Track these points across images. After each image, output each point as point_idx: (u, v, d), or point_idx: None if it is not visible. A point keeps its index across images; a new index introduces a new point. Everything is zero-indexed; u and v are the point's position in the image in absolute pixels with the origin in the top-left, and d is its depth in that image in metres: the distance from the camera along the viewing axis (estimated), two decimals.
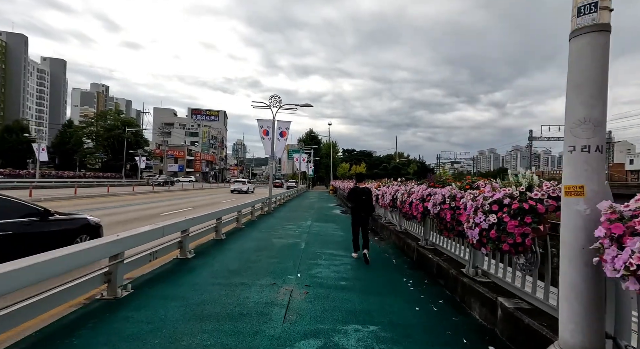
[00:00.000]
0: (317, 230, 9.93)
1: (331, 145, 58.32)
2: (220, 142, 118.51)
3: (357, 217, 6.27)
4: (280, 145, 14.78)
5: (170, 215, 12.67)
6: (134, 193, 24.30)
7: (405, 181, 9.24)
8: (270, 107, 14.48)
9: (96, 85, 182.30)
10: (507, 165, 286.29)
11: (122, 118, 54.07)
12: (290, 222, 11.59)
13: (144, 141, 57.50)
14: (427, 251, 5.81)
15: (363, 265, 5.96)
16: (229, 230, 9.17)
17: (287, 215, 14.20)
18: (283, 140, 14.79)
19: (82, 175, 41.50)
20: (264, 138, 14.72)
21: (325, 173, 62.33)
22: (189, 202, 20.00)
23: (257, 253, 6.55)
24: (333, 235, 9.30)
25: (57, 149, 58.31)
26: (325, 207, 19.16)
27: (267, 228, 9.92)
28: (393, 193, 7.12)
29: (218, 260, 5.93)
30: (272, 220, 12.02)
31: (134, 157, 49.79)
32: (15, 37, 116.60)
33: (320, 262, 6.00)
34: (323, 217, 13.77)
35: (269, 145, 14.65)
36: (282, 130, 14.72)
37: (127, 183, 40.89)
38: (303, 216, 13.61)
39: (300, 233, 9.14)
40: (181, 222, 5.80)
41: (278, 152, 14.80)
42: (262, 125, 14.65)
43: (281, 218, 12.59)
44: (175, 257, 5.79)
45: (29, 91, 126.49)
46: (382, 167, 55.43)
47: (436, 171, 56.85)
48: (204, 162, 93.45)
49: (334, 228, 10.49)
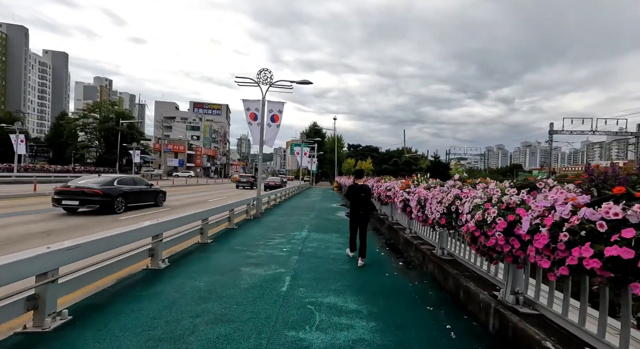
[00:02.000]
0: (314, 248, 7.03)
1: (336, 139, 55.21)
2: (223, 137, 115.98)
3: (356, 216, 6.00)
4: (272, 133, 11.86)
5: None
6: None
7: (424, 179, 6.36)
8: (258, 84, 11.53)
9: (99, 79, 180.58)
10: (516, 161, 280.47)
11: (116, 110, 51.47)
12: (280, 232, 8.71)
13: (140, 133, 54.92)
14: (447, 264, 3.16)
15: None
16: (186, 249, 6.32)
17: (279, 219, 11.32)
18: (275, 126, 11.86)
19: (71, 169, 39.09)
20: (252, 124, 11.82)
21: (330, 168, 59.33)
22: (167, 201, 17.23)
23: (199, 306, 3.67)
24: (337, 256, 6.39)
25: (51, 142, 56.18)
26: (328, 208, 16.23)
27: (243, 244, 7.04)
28: (446, 200, 4.05)
29: (110, 333, 3.05)
30: (255, 229, 9.15)
31: (129, 151, 47.26)
32: (16, 29, 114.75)
33: (311, 336, 3.09)
34: (324, 223, 10.87)
35: (258, 132, 11.74)
36: (273, 113, 11.79)
37: None
38: (299, 223, 10.72)
39: (288, 255, 6.24)
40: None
41: (269, 140, 11.89)
42: (249, 108, 11.73)
43: (269, 226, 9.71)
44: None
45: (31, 84, 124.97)
46: (393, 162, 51.41)
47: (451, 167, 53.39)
48: (205, 156, 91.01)
49: (339, 244, 7.57)
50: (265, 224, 10.09)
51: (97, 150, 54.49)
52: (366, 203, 5.94)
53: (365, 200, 5.90)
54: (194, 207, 14.58)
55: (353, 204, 5.98)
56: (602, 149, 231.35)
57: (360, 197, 5.88)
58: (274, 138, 11.94)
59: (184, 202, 17.03)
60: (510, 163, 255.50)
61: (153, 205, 13.11)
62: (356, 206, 5.93)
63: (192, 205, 15.48)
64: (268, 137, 11.83)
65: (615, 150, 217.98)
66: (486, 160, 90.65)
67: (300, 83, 11.70)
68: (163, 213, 11.70)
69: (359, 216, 5.94)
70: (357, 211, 5.93)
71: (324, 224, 10.63)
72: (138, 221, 6.66)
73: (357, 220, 5.95)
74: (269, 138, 11.86)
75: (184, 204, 15.94)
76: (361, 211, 5.92)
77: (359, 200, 5.90)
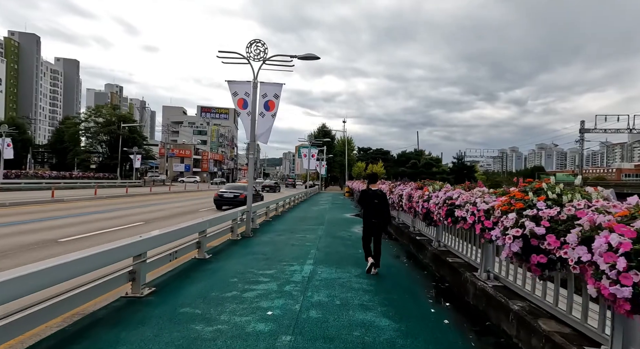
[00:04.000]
0: (322, 307, 4.09)
1: (346, 141, 52.29)
2: (230, 141, 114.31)
3: (369, 225, 5.46)
4: (266, 124, 9.01)
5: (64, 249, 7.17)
6: (82, 199, 19.15)
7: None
8: (248, 60, 8.74)
9: (110, 85, 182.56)
10: (531, 164, 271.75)
11: (118, 113, 49.74)
12: (271, 267, 5.81)
13: (142, 137, 53.11)
14: None
15: None
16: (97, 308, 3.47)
17: (276, 240, 8.44)
18: (270, 116, 9.01)
19: (67, 176, 37.19)
20: (241, 113, 9.02)
21: (340, 172, 56.37)
22: (153, 211, 14.56)
23: None
24: (363, 325, 3.44)
25: (53, 148, 54.90)
26: (340, 220, 13.27)
27: (203, 298, 4.15)
28: None
29: None
30: (236, 260, 6.29)
31: (129, 156, 45.29)
32: (28, 37, 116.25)
33: None
34: (337, 246, 7.95)
35: (248, 122, 8.93)
36: (267, 99, 8.95)
37: (120, 184, 36.37)
38: (301, 246, 7.82)
39: (272, 332, 3.31)
40: None
41: (263, 134, 9.05)
42: (236, 92, 8.93)
43: (257, 255, 6.83)
44: None
45: (42, 91, 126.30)
46: (411, 164, 47.47)
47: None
48: (212, 161, 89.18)
49: (363, 292, 4.64)
50: (253, 250, 7.21)
51: (100, 155, 52.88)
52: (381, 211, 5.45)
53: (379, 207, 5.43)
54: (173, 220, 11.87)
55: (367, 212, 5.55)
56: (623, 150, 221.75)
57: (374, 204, 5.43)
58: (269, 131, 9.12)
59: (168, 213, 14.33)
60: (525, 166, 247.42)
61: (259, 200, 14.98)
62: (370, 214, 5.49)
63: (172, 217, 12.77)
64: (261, 130, 9.01)
65: (638, 151, 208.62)
66: (504, 162, 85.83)
67: (303, 58, 8.86)
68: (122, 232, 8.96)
69: (373, 226, 5.46)
70: (370, 220, 5.48)
71: (337, 247, 7.68)
72: None
73: (371, 229, 5.48)
74: (263, 132, 9.04)
75: (164, 216, 13.23)
76: (375, 219, 5.44)
77: (373, 207, 5.44)
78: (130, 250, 4.02)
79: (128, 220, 11.58)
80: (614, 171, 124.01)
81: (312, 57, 8.90)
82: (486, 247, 4.10)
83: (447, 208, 4.02)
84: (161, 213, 14.26)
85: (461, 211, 3.48)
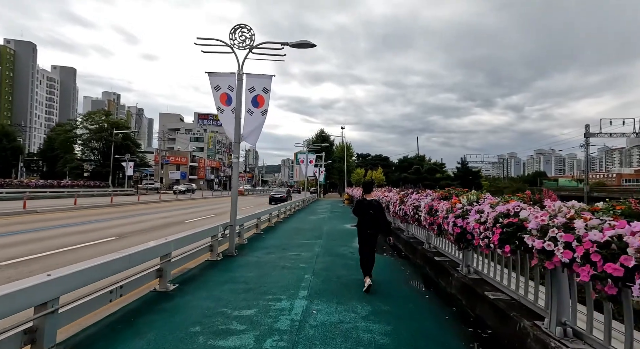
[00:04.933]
0: None
1: (345, 147, 51.08)
2: (228, 148, 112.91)
3: (364, 237, 5.16)
4: (254, 122, 7.68)
5: None
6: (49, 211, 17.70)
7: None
8: (232, 48, 7.48)
9: (108, 93, 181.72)
10: (529, 169, 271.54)
11: (110, 120, 48.41)
12: (252, 303, 4.43)
13: (136, 145, 51.75)
14: None
15: None
16: None
17: (263, 261, 7.04)
18: (259, 113, 7.70)
19: (54, 184, 35.70)
20: (223, 111, 7.70)
21: (339, 179, 55.05)
22: (134, 223, 13.11)
23: None
24: None
25: (44, 156, 53.44)
26: (340, 233, 11.90)
27: None
28: None
29: None
30: (211, 290, 4.89)
31: (121, 163, 43.87)
32: (24, 45, 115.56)
33: None
34: (338, 270, 6.60)
35: (231, 120, 7.62)
36: (256, 93, 7.65)
37: (111, 192, 34.91)
38: (294, 269, 6.45)
39: None
40: None
41: (250, 134, 7.72)
42: (219, 85, 7.64)
43: (237, 284, 5.45)
44: None
45: (38, 99, 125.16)
46: (414, 170, 45.81)
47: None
48: (209, 168, 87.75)
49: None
50: (234, 275, 5.82)
51: (92, 163, 51.41)
52: (376, 221, 5.09)
53: (375, 217, 5.08)
54: (154, 233, 10.46)
55: (361, 223, 5.24)
56: (622, 155, 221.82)
57: (369, 215, 5.11)
58: (259, 131, 7.79)
59: (150, 225, 12.92)
60: (523, 171, 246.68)
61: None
62: (365, 225, 5.16)
63: (153, 231, 11.35)
64: (249, 129, 7.68)
65: (637, 156, 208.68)
66: (505, 168, 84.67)
67: (296, 46, 7.59)
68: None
69: (368, 237, 5.15)
70: (365, 231, 5.16)
71: (337, 270, 6.31)
72: None
73: (366, 241, 5.17)
74: (251, 131, 7.71)
75: (144, 229, 11.82)
76: (370, 231, 5.14)
77: (368, 218, 5.12)
78: (35, 298, 2.66)
79: (99, 235, 10.17)
80: (614, 176, 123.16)
81: (307, 45, 7.62)
82: (557, 282, 2.76)
83: (504, 230, 2.67)
84: (142, 225, 12.84)
85: (539, 242, 2.14)
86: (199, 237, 6.19)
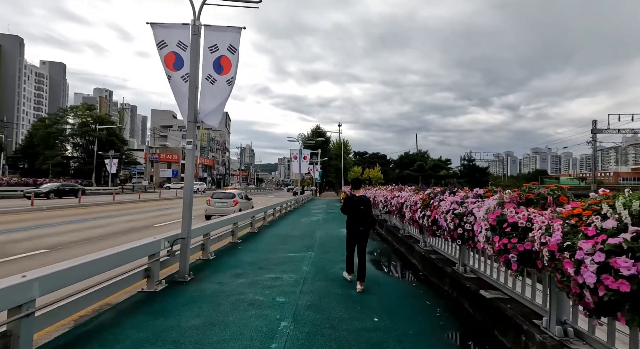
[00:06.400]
0: None
1: (342, 144, 48.93)
2: (222, 146, 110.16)
3: (354, 233, 5.22)
4: (217, 94, 5.48)
5: None
6: None
7: None
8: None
9: (99, 90, 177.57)
10: (525, 168, 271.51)
11: (94, 115, 45.75)
12: None
13: (123, 141, 49.18)
14: None
15: None
16: None
17: (225, 292, 4.83)
18: (224, 81, 5.49)
19: (29, 183, 33.25)
20: (171, 77, 5.48)
21: (336, 177, 52.91)
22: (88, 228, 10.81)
23: None
24: None
25: (25, 153, 50.65)
26: (337, 240, 9.72)
27: None
28: None
29: None
30: None
31: (105, 160, 41.37)
32: (11, 39, 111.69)
33: None
34: (334, 307, 4.47)
35: (183, 91, 5.41)
36: (219, 53, 5.44)
37: (94, 191, 32.54)
38: (265, 312, 4.28)
39: None
40: None
41: (213, 111, 5.50)
42: (164, 42, 5.41)
43: (167, 340, 3.25)
44: None
45: (26, 95, 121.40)
46: (417, 167, 43.07)
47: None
48: (202, 166, 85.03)
49: None
50: (163, 327, 3.60)
51: (75, 160, 48.78)
52: (366, 218, 5.16)
53: (365, 214, 5.16)
54: (101, 244, 8.19)
55: (351, 219, 5.27)
56: (618, 154, 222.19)
57: (359, 211, 5.17)
58: (223, 108, 5.58)
59: (105, 231, 10.66)
60: (520, 170, 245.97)
61: None
62: (354, 221, 5.22)
63: (101, 240, 9.09)
64: (209, 104, 5.47)
65: (633, 154, 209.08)
66: (505, 166, 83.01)
67: None
68: None
69: (358, 233, 5.18)
70: (355, 228, 5.20)
71: (335, 311, 4.13)
72: None
73: (356, 237, 5.21)
74: (214, 107, 5.50)
75: (91, 238, 9.56)
76: (360, 227, 5.17)
77: (358, 215, 5.17)
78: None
79: (27, 247, 7.92)
80: (611, 174, 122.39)
81: None
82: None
83: None
84: (96, 231, 10.60)
85: None
86: (122, 259, 4.00)
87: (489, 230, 2.66)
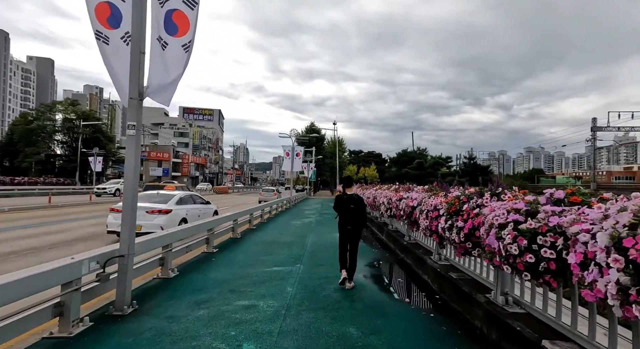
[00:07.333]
0: None
1: (337, 142, 47.56)
2: (215, 144, 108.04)
3: (345, 232, 5.17)
4: (170, 61, 4.12)
5: None
6: None
7: None
8: None
9: (89, 87, 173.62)
10: (519, 167, 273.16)
11: (78, 110, 43.73)
12: None
13: (108, 138, 47.23)
14: None
15: None
16: None
17: (170, 333, 3.43)
18: (177, 45, 4.13)
19: (6, 181, 31.38)
20: (108, 40, 4.06)
21: (330, 176, 51.58)
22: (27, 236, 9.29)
23: None
24: None
25: (5, 150, 48.40)
26: (331, 247, 8.34)
27: None
28: None
29: None
30: None
31: (89, 158, 39.50)
32: None
33: None
34: None
35: (121, 56, 4.00)
36: (171, 8, 4.06)
37: (78, 190, 30.88)
38: None
39: None
40: None
41: (165, 84, 4.12)
42: None
43: None
44: None
45: (12, 91, 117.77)
46: (416, 164, 41.65)
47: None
48: (193, 165, 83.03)
49: None
50: None
51: (59, 158, 46.72)
52: (357, 216, 5.15)
53: (356, 212, 5.13)
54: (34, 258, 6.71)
55: (342, 218, 5.24)
56: (609, 153, 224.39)
57: (350, 209, 5.12)
58: (179, 79, 4.18)
59: (58, 238, 9.16)
60: (513, 169, 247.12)
61: None
62: (346, 220, 5.18)
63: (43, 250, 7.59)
64: (160, 77, 4.08)
65: (624, 153, 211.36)
66: (501, 165, 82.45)
67: None
68: None
69: (349, 232, 5.14)
70: (346, 227, 5.17)
71: None
72: None
73: (347, 236, 5.17)
74: (167, 81, 4.10)
75: (53, 243, 8.06)
76: (350, 226, 5.13)
77: (349, 213, 5.13)
78: None
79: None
80: (604, 173, 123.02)
81: None
82: None
83: None
84: (48, 238, 9.12)
85: None
86: (17, 292, 2.59)
87: (629, 275, 1.33)
